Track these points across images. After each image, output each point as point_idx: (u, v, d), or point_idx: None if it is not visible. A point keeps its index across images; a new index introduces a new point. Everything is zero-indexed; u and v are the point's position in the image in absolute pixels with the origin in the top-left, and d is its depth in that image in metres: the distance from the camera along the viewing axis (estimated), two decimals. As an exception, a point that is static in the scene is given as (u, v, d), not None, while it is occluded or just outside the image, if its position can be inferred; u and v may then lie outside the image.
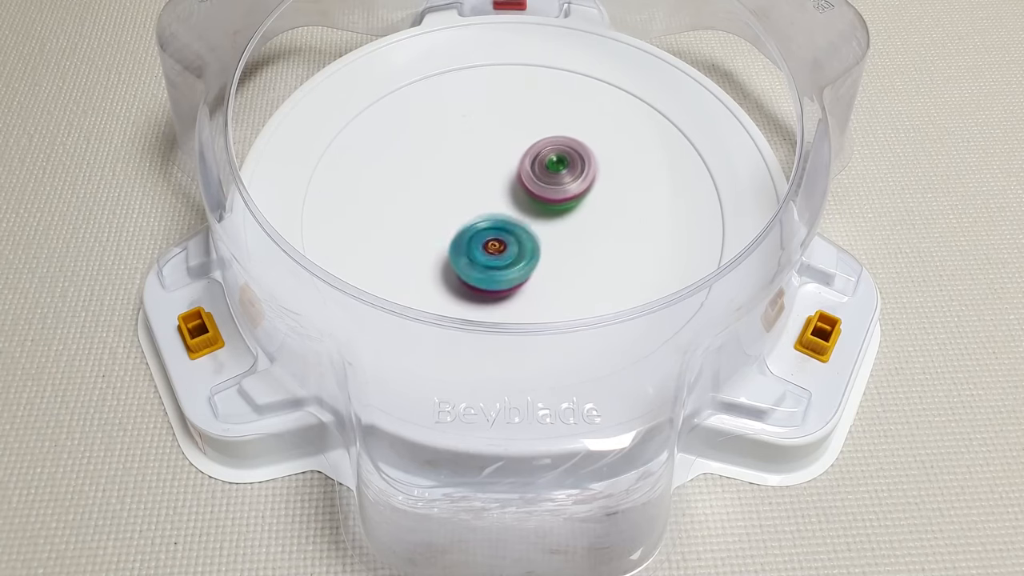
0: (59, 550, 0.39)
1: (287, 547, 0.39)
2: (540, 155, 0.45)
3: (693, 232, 0.45)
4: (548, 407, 0.37)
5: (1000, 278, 0.48)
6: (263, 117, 0.53)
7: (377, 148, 0.48)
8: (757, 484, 0.41)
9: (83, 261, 0.48)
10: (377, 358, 0.37)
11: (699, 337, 0.38)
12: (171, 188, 0.51)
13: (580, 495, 0.36)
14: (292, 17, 0.54)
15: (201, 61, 0.46)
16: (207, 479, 0.41)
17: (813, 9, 0.48)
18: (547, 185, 0.45)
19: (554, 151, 0.46)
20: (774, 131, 0.54)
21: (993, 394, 0.44)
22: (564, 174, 0.45)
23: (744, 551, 0.39)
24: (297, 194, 0.46)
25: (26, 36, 0.59)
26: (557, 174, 0.45)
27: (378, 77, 0.51)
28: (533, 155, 0.46)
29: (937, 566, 0.39)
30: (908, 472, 0.41)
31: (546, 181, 0.45)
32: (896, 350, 0.45)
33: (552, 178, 0.45)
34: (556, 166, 0.45)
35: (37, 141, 0.53)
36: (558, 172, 0.45)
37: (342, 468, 0.41)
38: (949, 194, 0.51)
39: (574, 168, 0.45)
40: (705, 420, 0.40)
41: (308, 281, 0.38)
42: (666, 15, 0.57)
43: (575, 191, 0.45)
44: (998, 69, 0.58)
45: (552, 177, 0.45)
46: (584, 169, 0.45)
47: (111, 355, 0.44)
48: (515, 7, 0.56)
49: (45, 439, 0.42)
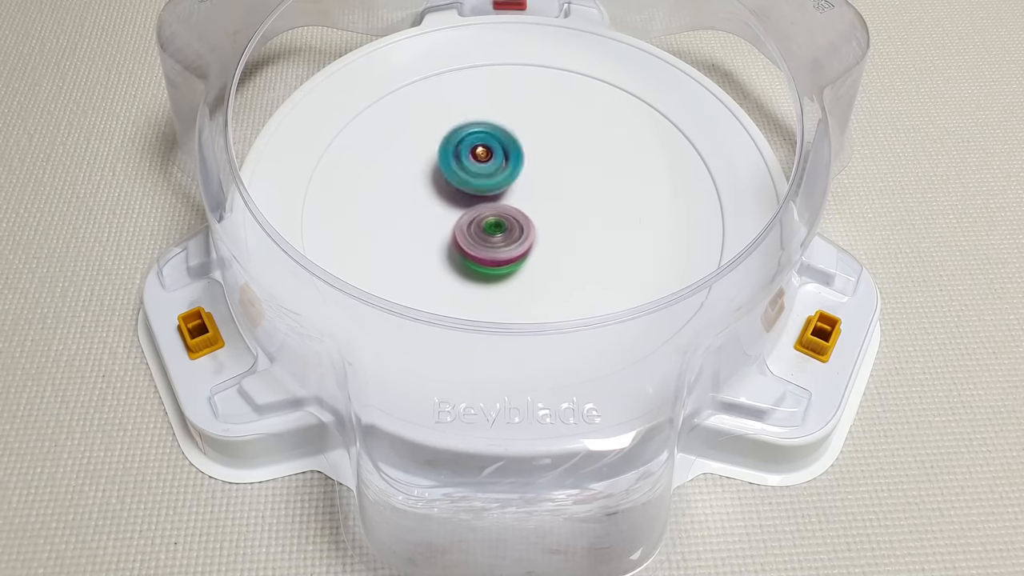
0: (59, 550, 0.39)
1: (287, 547, 0.39)
2: (477, 219, 0.43)
3: (693, 232, 0.45)
4: (548, 407, 0.37)
5: (1000, 278, 0.48)
6: (263, 117, 0.53)
7: (377, 148, 0.48)
8: (757, 484, 0.41)
9: (83, 261, 0.48)
10: (377, 358, 0.37)
11: (699, 337, 0.38)
12: (171, 188, 0.51)
13: (580, 495, 0.36)
14: (292, 17, 0.54)
15: (201, 61, 0.46)
16: (207, 479, 0.41)
17: (813, 9, 0.48)
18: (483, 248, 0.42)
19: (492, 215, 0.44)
20: (774, 131, 0.54)
21: (993, 394, 0.44)
22: (499, 238, 0.43)
23: (744, 551, 0.39)
24: (297, 194, 0.46)
25: (26, 36, 0.59)
26: (492, 237, 0.43)
27: (378, 77, 0.51)
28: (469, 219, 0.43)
29: (937, 566, 0.39)
30: (908, 472, 0.41)
31: (482, 244, 0.43)
32: (896, 350, 0.45)
33: (488, 241, 0.43)
34: (493, 229, 0.43)
35: (37, 141, 0.53)
36: (493, 235, 0.43)
37: (342, 468, 0.41)
38: (949, 194, 0.51)
39: (511, 233, 0.43)
40: (705, 420, 0.40)
41: (308, 281, 0.38)
42: (666, 15, 0.57)
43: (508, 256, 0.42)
44: (998, 69, 0.58)
45: (488, 240, 0.43)
46: (522, 235, 0.43)
47: (111, 355, 0.44)
48: (515, 7, 0.56)
49: (45, 439, 0.42)
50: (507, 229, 0.43)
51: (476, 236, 0.43)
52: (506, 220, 0.44)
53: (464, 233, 0.43)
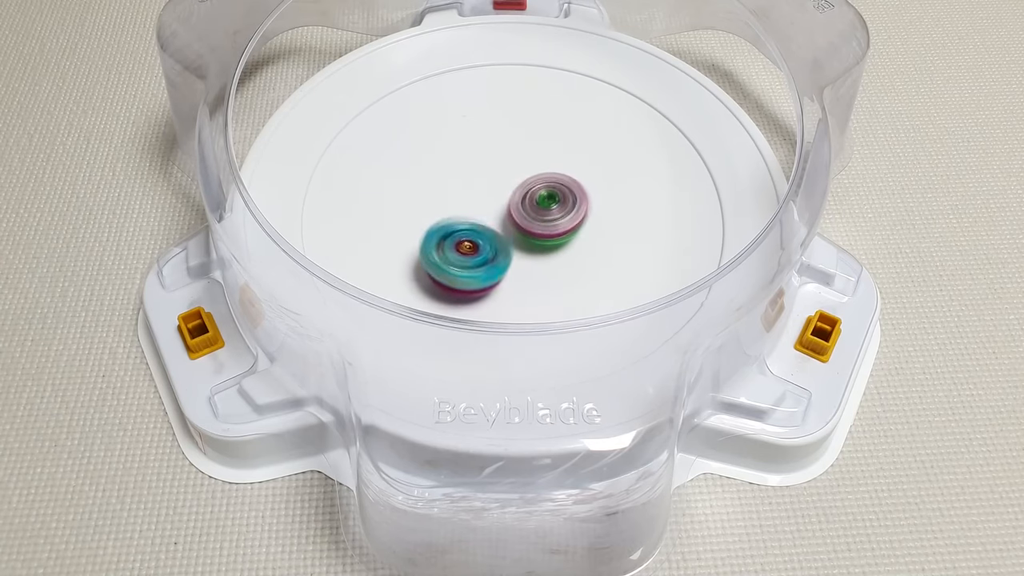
0: (59, 550, 0.39)
1: (287, 547, 0.39)
2: (531, 191, 0.44)
3: (693, 232, 0.45)
4: (548, 407, 0.37)
5: (1000, 278, 0.48)
6: (263, 117, 0.53)
7: (377, 148, 0.48)
8: (757, 484, 0.41)
9: (83, 261, 0.48)
10: (377, 358, 0.37)
11: (699, 337, 0.38)
12: (171, 188, 0.51)
13: (580, 495, 0.36)
14: (292, 17, 0.54)
15: (201, 61, 0.46)
16: (207, 479, 0.41)
17: (813, 9, 0.48)
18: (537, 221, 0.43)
19: (544, 187, 0.44)
20: (774, 131, 0.54)
21: (993, 394, 0.44)
22: (555, 210, 0.44)
23: (744, 551, 0.39)
24: (297, 194, 0.46)
25: (26, 36, 0.59)
26: (548, 210, 0.44)
27: (378, 77, 0.51)
28: (524, 191, 0.44)
29: (937, 566, 0.39)
30: (908, 472, 0.41)
31: (535, 217, 0.43)
32: (896, 350, 0.45)
33: (542, 214, 0.43)
34: (547, 202, 0.44)
35: (37, 141, 0.53)
36: (548, 208, 0.44)
37: (342, 468, 0.41)
38: (949, 194, 0.51)
39: (565, 204, 0.44)
40: (705, 420, 0.40)
41: (308, 281, 0.38)
42: (666, 15, 0.57)
43: (565, 227, 0.43)
44: (998, 69, 0.58)
45: (542, 213, 0.44)
46: (575, 205, 0.44)
47: (111, 355, 0.44)
48: (515, 7, 0.56)
49: (45, 439, 0.42)
50: (560, 200, 0.44)
51: (531, 210, 0.43)
52: (559, 191, 0.44)
53: (519, 209, 0.43)
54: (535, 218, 0.43)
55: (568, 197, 0.44)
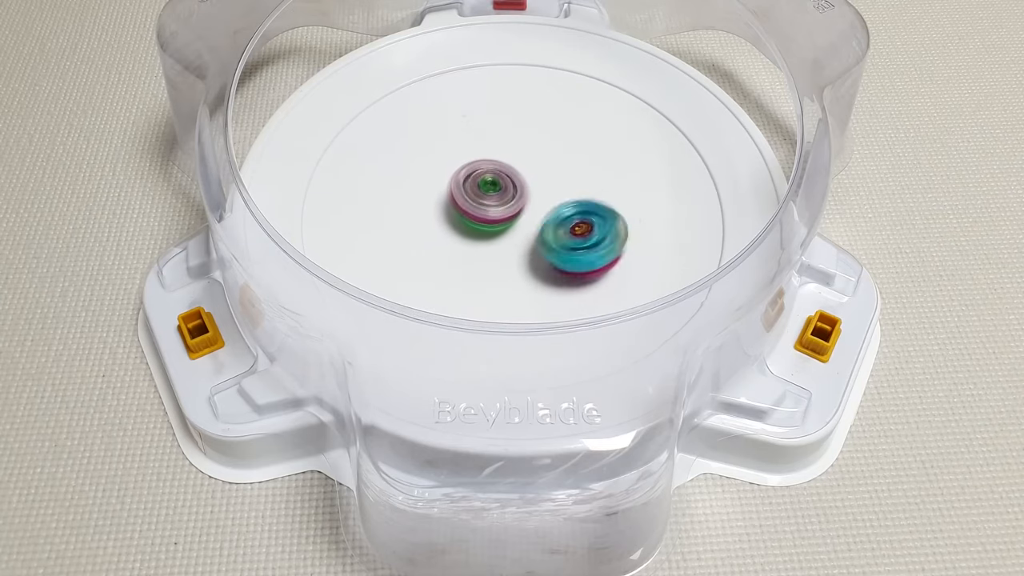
0: (59, 550, 0.39)
1: (287, 547, 0.39)
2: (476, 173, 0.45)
3: (693, 232, 0.45)
4: (548, 407, 0.37)
5: (1000, 278, 0.48)
6: (263, 117, 0.53)
7: (377, 148, 0.48)
8: (757, 484, 0.41)
9: (83, 261, 0.48)
10: (377, 358, 0.37)
11: (699, 337, 0.38)
12: (171, 188, 0.51)
13: (580, 495, 0.36)
14: (292, 17, 0.54)
15: (201, 61, 0.46)
16: (207, 479, 0.41)
17: (813, 9, 0.48)
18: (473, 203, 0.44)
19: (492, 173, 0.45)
20: (774, 131, 0.54)
21: (993, 394, 0.44)
22: (493, 197, 0.44)
23: (744, 551, 0.39)
24: (297, 194, 0.46)
25: (26, 36, 0.59)
26: (486, 195, 0.44)
27: (378, 77, 0.51)
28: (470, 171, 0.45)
29: (937, 566, 0.39)
30: (908, 472, 0.41)
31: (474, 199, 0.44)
32: (896, 350, 0.45)
33: (480, 197, 0.44)
34: (488, 187, 0.44)
35: (37, 141, 0.53)
36: (488, 194, 0.44)
37: (342, 468, 0.41)
38: (949, 194, 0.51)
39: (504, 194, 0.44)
40: (705, 420, 0.40)
41: (308, 281, 0.38)
42: (666, 15, 0.57)
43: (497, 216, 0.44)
44: (998, 69, 0.58)
45: (481, 196, 0.44)
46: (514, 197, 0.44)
47: (111, 355, 0.44)
48: (515, 7, 0.56)
49: (45, 439, 0.42)
50: (501, 188, 0.44)
51: (472, 193, 0.44)
52: (500, 179, 0.44)
53: (460, 189, 0.44)
54: (473, 200, 0.44)
55: (509, 188, 0.44)
